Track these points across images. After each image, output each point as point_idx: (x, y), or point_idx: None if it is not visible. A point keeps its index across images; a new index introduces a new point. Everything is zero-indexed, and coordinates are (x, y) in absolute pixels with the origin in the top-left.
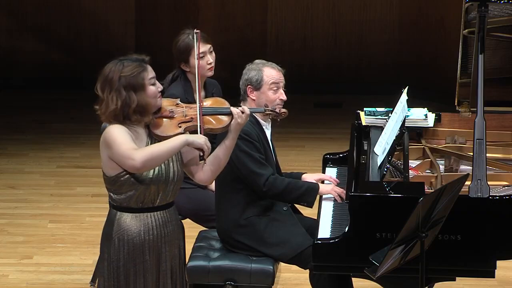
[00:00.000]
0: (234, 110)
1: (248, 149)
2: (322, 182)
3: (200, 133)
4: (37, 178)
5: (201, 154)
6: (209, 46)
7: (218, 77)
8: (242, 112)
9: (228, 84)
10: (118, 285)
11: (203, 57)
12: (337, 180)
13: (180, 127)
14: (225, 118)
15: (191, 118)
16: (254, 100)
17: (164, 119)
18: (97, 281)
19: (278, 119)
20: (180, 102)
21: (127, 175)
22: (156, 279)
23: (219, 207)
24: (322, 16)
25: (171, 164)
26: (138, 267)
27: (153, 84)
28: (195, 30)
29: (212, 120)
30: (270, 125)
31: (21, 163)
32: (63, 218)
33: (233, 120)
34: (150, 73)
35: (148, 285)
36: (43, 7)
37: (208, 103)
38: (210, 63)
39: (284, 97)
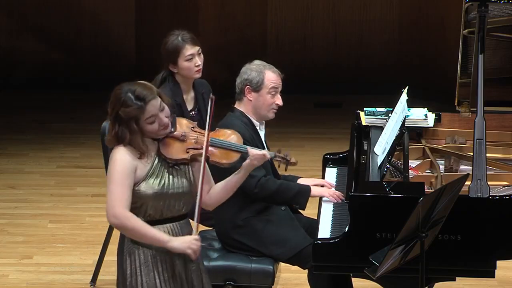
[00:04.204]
0: (252, 152)
1: None
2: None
3: (204, 161)
4: (37, 178)
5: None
6: (197, 48)
7: (217, 77)
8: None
9: (228, 84)
10: None
11: (191, 59)
12: (332, 184)
13: (188, 152)
14: (234, 155)
15: (201, 146)
16: (250, 101)
17: (174, 141)
18: None
19: (286, 167)
20: (196, 127)
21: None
22: None
23: (217, 208)
24: (322, 16)
25: (179, 178)
26: (151, 281)
27: (152, 123)
28: (210, 96)
29: (221, 154)
30: (264, 126)
31: (21, 163)
32: (63, 218)
33: (247, 160)
34: (148, 112)
35: None
36: (43, 7)
37: (222, 135)
38: (198, 65)
39: (281, 102)
